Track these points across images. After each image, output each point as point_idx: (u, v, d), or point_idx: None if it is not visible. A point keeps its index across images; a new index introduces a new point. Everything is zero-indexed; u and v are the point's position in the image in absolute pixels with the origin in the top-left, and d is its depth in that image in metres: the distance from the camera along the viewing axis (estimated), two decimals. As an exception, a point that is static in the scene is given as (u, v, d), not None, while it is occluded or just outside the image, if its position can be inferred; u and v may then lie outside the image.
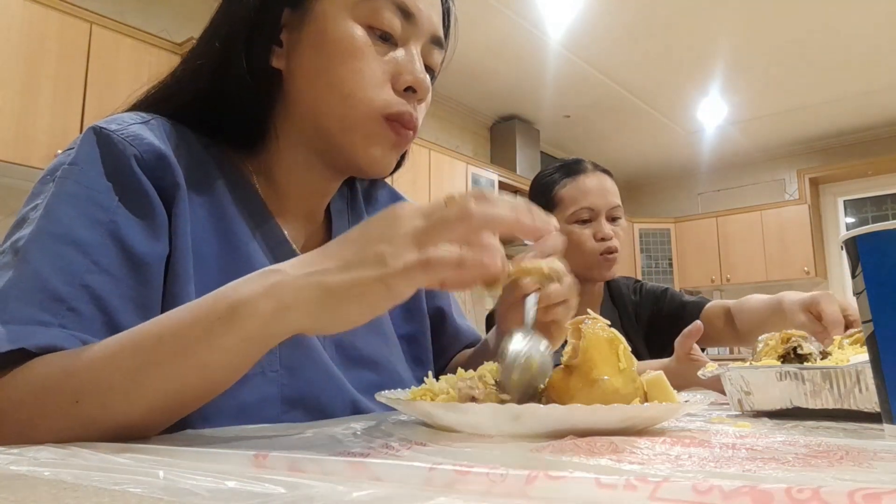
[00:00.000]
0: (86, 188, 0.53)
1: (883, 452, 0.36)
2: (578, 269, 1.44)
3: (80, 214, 0.52)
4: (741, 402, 0.65)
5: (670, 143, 5.85)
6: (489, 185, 4.85)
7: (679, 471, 0.29)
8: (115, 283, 0.51)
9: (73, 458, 0.32)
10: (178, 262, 0.56)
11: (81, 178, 0.54)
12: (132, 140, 0.56)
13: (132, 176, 0.55)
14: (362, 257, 0.41)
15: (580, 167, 1.47)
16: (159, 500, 0.23)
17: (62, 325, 0.47)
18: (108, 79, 2.74)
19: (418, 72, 0.62)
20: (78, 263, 0.50)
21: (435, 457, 0.34)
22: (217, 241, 0.60)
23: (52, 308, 0.47)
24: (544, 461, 0.32)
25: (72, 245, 0.50)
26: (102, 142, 0.56)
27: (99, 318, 0.49)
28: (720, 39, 4.08)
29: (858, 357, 0.63)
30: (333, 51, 0.61)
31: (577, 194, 1.43)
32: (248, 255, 0.62)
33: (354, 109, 0.61)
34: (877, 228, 0.43)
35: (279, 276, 0.42)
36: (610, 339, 0.49)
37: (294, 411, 0.58)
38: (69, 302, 0.48)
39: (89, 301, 0.49)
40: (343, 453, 0.34)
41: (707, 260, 6.04)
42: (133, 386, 0.42)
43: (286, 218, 0.68)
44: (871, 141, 5.62)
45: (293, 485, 0.25)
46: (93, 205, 0.53)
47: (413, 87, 0.63)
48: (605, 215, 1.43)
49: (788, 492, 0.22)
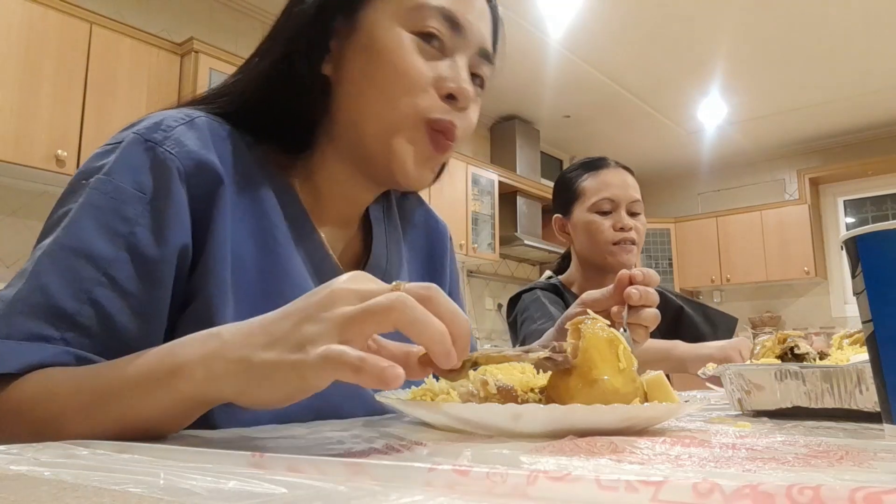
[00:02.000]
0: (112, 199, 0.53)
1: (883, 452, 0.36)
2: (596, 258, 1.49)
3: (100, 227, 0.52)
4: (741, 402, 0.65)
5: (670, 143, 5.85)
6: (489, 184, 4.85)
7: (679, 471, 0.29)
8: (125, 297, 0.52)
9: (73, 459, 0.32)
10: (217, 265, 0.57)
11: (110, 190, 0.54)
12: (174, 148, 0.56)
13: (168, 188, 0.55)
14: (287, 338, 0.39)
15: (603, 163, 1.54)
16: (159, 500, 0.23)
17: (64, 339, 0.48)
18: (108, 79, 2.74)
19: (462, 80, 0.63)
20: (89, 278, 0.51)
21: (435, 457, 0.34)
22: (255, 244, 0.61)
23: (55, 323, 0.49)
24: (544, 461, 0.32)
25: (85, 258, 0.51)
26: (146, 154, 0.56)
27: (103, 333, 0.50)
28: (720, 39, 4.08)
29: (858, 357, 0.63)
30: (380, 55, 0.62)
31: (599, 186, 1.49)
32: (289, 267, 0.62)
33: (397, 112, 0.62)
34: (877, 228, 0.43)
35: (217, 343, 0.42)
36: (609, 339, 0.49)
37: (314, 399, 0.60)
38: (74, 317, 0.49)
39: (94, 316, 0.50)
40: (343, 454, 0.34)
41: (707, 260, 6.04)
42: (86, 420, 0.44)
43: (324, 223, 0.69)
44: (871, 141, 5.62)
45: (293, 485, 0.25)
46: (117, 217, 0.53)
47: (454, 95, 0.63)
48: (625, 208, 1.47)
49: (789, 493, 0.22)
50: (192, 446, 0.36)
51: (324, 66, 0.65)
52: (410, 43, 0.62)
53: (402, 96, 0.62)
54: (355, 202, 0.72)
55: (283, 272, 0.61)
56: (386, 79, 0.62)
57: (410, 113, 0.62)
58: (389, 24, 0.62)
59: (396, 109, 0.62)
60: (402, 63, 0.62)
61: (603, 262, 1.48)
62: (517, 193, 5.14)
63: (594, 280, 1.48)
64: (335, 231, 0.71)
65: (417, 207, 0.85)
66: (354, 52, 0.64)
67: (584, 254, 1.53)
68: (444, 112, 0.63)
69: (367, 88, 0.63)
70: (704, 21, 3.86)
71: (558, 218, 1.57)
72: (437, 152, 0.64)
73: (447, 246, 0.86)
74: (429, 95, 0.62)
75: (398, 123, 0.62)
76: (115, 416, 0.44)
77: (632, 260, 1.48)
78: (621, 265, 1.46)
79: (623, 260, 1.46)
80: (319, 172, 0.69)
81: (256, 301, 0.58)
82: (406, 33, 0.62)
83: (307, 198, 0.68)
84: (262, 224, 0.62)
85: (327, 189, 0.69)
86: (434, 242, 0.85)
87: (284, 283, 0.61)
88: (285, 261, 0.62)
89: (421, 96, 0.62)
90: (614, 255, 1.46)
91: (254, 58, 0.67)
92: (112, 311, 0.51)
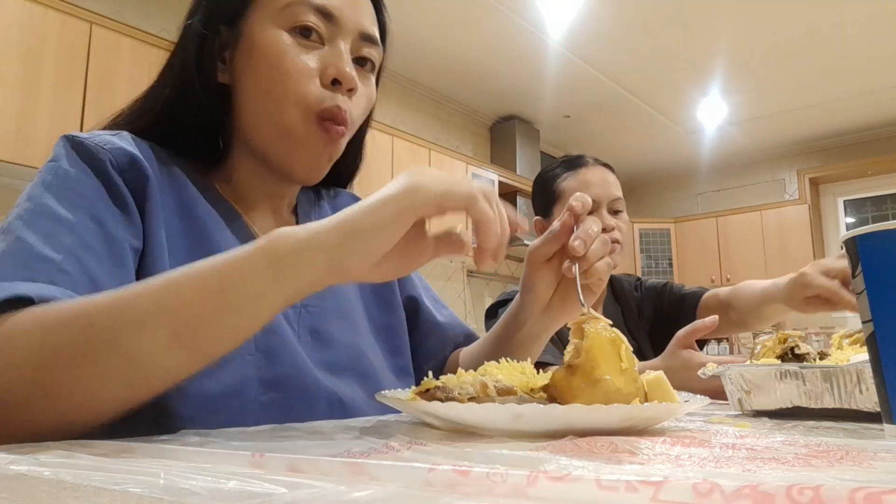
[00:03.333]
0: (64, 179, 0.56)
1: (883, 452, 0.36)
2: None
3: (62, 199, 0.54)
4: (741, 402, 0.65)
5: (670, 143, 5.85)
6: (489, 184, 4.84)
7: (679, 471, 0.29)
8: (99, 259, 0.53)
9: (73, 459, 0.32)
10: (155, 257, 0.59)
11: (60, 171, 0.57)
12: (104, 144, 0.60)
13: (108, 176, 0.58)
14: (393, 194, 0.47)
15: (581, 161, 1.49)
16: (159, 500, 0.23)
17: (53, 282, 0.48)
18: (108, 79, 2.74)
19: (343, 64, 0.65)
20: (65, 237, 0.52)
21: (435, 457, 0.34)
22: (188, 241, 0.63)
23: (43, 269, 0.48)
24: (544, 461, 0.32)
25: (56, 223, 0.52)
26: (77, 146, 0.59)
27: (86, 282, 0.51)
28: (720, 39, 4.08)
29: (858, 357, 0.63)
30: (262, 57, 0.64)
31: (577, 186, 1.43)
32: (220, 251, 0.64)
33: (287, 110, 0.64)
34: (877, 228, 0.43)
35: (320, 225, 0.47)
36: (612, 339, 0.49)
37: (272, 392, 0.61)
38: (59, 264, 0.50)
39: (77, 266, 0.51)
40: (343, 454, 0.34)
41: (707, 260, 6.04)
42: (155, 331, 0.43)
43: (252, 215, 0.72)
44: (871, 141, 5.62)
45: (293, 485, 0.25)
46: (73, 193, 0.55)
47: (338, 80, 0.65)
48: (606, 207, 1.43)
49: (789, 493, 0.22)
50: (191, 446, 0.36)
51: (219, 75, 0.67)
52: (288, 39, 0.64)
53: (287, 93, 0.64)
54: (276, 195, 0.74)
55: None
56: (272, 79, 0.64)
57: (299, 107, 0.64)
58: (267, 25, 0.65)
59: (285, 108, 0.64)
60: (282, 61, 0.63)
61: None
62: (517, 193, 5.14)
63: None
64: (265, 220, 0.73)
65: (350, 202, 0.88)
66: (242, 58, 0.66)
67: None
68: (332, 99, 0.65)
69: (258, 92, 0.65)
70: (704, 21, 3.86)
71: (538, 220, 1.53)
72: (331, 141, 0.66)
73: None
74: (313, 85, 0.64)
75: (288, 121, 0.64)
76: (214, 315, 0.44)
77: (615, 260, 1.42)
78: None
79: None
80: (236, 173, 0.71)
81: None
82: (282, 32, 0.64)
83: (230, 195, 0.71)
84: (191, 221, 0.64)
85: (246, 186, 0.72)
86: None
87: None
88: (216, 250, 0.63)
89: (305, 88, 0.64)
90: None
91: (160, 78, 0.69)
92: (91, 265, 0.52)
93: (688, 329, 1.09)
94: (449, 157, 4.57)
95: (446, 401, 0.45)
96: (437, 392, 0.47)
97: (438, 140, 4.79)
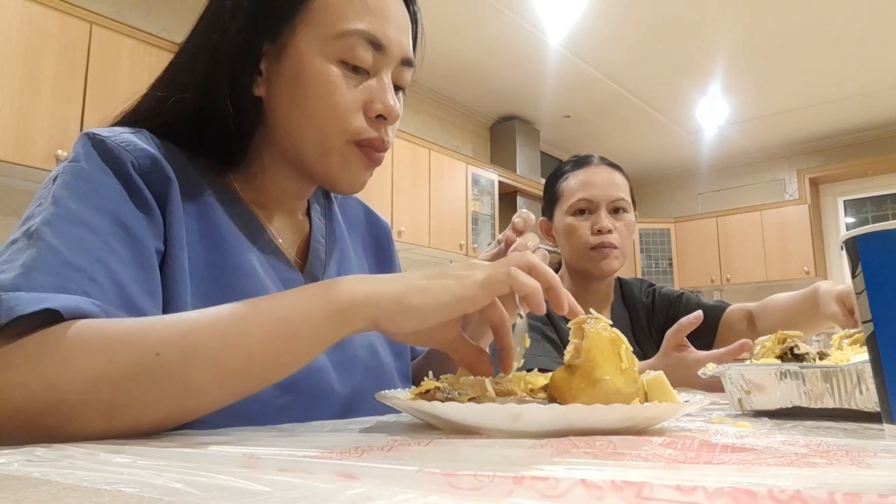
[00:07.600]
0: (87, 181, 0.55)
1: (883, 452, 0.36)
2: (577, 264, 1.41)
3: (85, 203, 0.54)
4: (741, 402, 0.65)
5: (670, 143, 5.85)
6: (489, 184, 4.85)
7: (679, 471, 0.29)
8: (125, 264, 0.53)
9: (72, 459, 0.32)
10: (176, 258, 0.59)
11: (83, 173, 0.56)
12: (126, 145, 0.59)
13: (129, 177, 0.58)
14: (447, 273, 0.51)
15: (587, 161, 1.46)
16: (158, 500, 0.23)
17: (85, 292, 0.49)
18: (108, 79, 2.74)
19: (388, 100, 0.66)
20: (91, 242, 0.52)
21: (435, 456, 0.34)
22: (204, 245, 0.63)
23: (75, 278, 0.49)
24: (543, 461, 0.32)
25: (83, 227, 0.52)
26: (98, 145, 0.58)
27: (115, 292, 0.51)
28: (720, 39, 4.08)
29: (858, 357, 0.63)
30: (308, 85, 0.64)
31: (577, 186, 1.41)
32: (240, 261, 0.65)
33: (328, 139, 0.65)
34: (877, 228, 0.43)
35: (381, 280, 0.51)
36: (612, 339, 0.49)
37: (287, 395, 0.61)
38: (89, 273, 0.50)
39: (106, 275, 0.51)
40: (336, 454, 0.34)
41: (707, 260, 6.04)
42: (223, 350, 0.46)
43: (270, 217, 0.72)
44: (871, 141, 5.62)
45: (286, 485, 0.25)
46: (97, 195, 0.55)
47: (383, 115, 0.66)
48: (605, 208, 1.38)
49: (771, 492, 0.22)
50: (187, 447, 0.36)
51: (255, 87, 0.66)
52: (337, 73, 0.64)
53: (332, 122, 0.64)
54: (297, 195, 0.75)
55: (234, 267, 0.64)
56: (315, 108, 0.64)
57: (340, 137, 0.65)
58: (315, 52, 0.64)
59: (327, 137, 0.65)
60: (332, 94, 0.64)
61: (584, 268, 1.39)
62: (517, 193, 5.15)
63: (581, 286, 1.43)
64: (282, 222, 0.74)
65: (359, 208, 0.90)
66: (283, 76, 0.65)
67: (566, 259, 1.45)
68: (372, 132, 0.66)
69: (299, 115, 0.65)
70: (704, 21, 3.86)
71: (543, 221, 1.50)
72: (372, 164, 0.68)
73: (391, 240, 0.93)
74: (357, 119, 0.65)
75: (329, 146, 0.65)
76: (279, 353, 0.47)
77: (613, 266, 1.37)
78: (602, 272, 1.38)
79: (602, 266, 1.36)
80: (260, 175, 0.71)
81: (210, 293, 0.60)
82: (331, 64, 0.64)
83: (249, 196, 0.71)
84: (208, 225, 0.64)
85: (269, 187, 0.71)
86: (380, 238, 0.90)
87: (234, 275, 0.63)
88: (232, 255, 0.64)
89: (349, 121, 0.65)
90: (593, 260, 1.37)
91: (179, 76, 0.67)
92: (118, 271, 0.52)
93: (675, 328, 1.10)
94: (449, 158, 4.58)
95: (446, 401, 0.45)
96: (437, 392, 0.47)
97: (438, 140, 4.79)
